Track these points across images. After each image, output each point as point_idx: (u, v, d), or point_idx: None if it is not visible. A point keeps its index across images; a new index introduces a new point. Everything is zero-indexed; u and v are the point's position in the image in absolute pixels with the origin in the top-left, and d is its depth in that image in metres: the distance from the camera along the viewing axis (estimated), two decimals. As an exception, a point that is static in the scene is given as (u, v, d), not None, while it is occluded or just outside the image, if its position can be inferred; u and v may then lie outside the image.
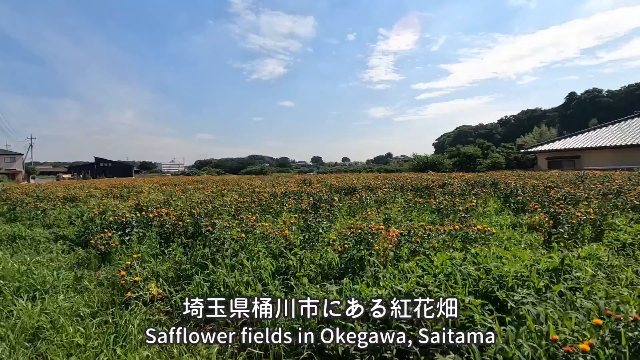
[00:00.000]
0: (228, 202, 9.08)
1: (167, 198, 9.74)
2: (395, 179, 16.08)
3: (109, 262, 6.31)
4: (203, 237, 6.02)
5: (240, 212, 7.79)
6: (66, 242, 7.85)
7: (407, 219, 7.75)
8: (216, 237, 5.12)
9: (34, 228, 9.18)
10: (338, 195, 9.63)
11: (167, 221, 5.99)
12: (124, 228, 6.79)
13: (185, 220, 6.04)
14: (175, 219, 6.04)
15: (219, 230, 5.29)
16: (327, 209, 8.35)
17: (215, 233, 5.14)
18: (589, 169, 28.13)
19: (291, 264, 4.72)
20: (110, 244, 6.34)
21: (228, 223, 6.49)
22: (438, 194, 10.24)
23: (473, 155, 45.98)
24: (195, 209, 7.59)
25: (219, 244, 5.09)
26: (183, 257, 5.22)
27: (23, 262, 5.99)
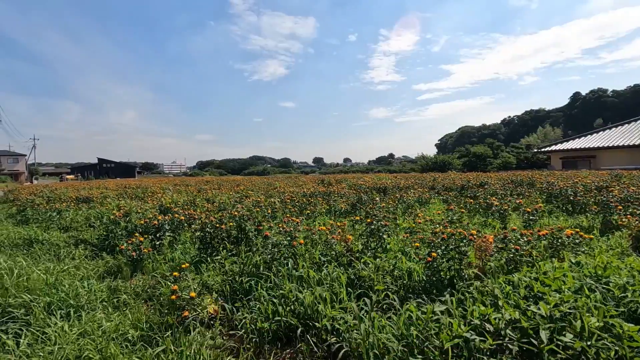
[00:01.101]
0: (261, 202, 8.41)
1: (191, 199, 9.10)
2: (420, 178, 15.40)
3: (141, 270, 5.65)
4: (249, 243, 5.37)
5: (276, 214, 7.13)
6: (88, 247, 7.19)
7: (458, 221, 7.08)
8: (274, 243, 4.44)
9: (50, 231, 8.53)
10: (378, 196, 8.96)
11: (208, 224, 5.32)
12: (156, 232, 6.13)
13: (227, 224, 5.37)
14: (216, 222, 5.38)
15: (276, 236, 4.61)
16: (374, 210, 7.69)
17: (271, 238, 4.46)
18: (606, 168, 27.40)
19: (365, 274, 4.05)
20: (142, 249, 5.68)
21: (271, 226, 5.83)
22: (479, 194, 9.57)
23: (483, 155, 45.18)
24: (229, 210, 6.93)
25: (275, 251, 4.42)
26: (234, 266, 4.55)
27: (48, 271, 5.34)
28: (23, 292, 4.21)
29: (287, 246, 4.47)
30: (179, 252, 6.06)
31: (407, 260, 4.39)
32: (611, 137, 33.93)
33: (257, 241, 5.36)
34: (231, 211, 6.03)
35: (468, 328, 2.75)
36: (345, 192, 10.69)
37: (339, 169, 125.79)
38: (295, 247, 4.52)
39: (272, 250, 4.38)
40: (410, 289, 3.93)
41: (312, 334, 3.23)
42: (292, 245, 4.45)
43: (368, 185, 12.82)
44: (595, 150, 33.58)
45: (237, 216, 5.65)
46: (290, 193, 11.24)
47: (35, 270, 4.81)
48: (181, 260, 5.63)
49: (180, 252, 6.07)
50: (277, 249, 4.41)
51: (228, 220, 5.46)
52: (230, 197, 10.36)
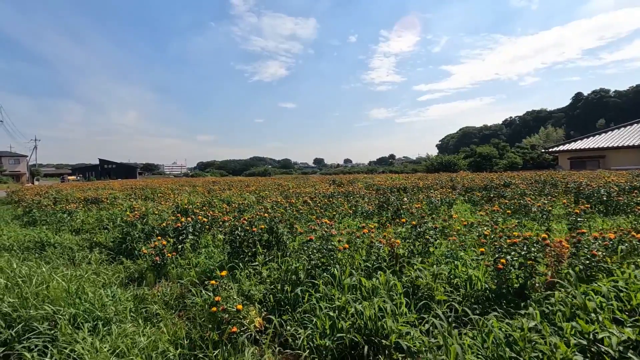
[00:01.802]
0: (281, 204, 8.03)
1: (207, 200, 8.71)
2: (437, 178, 15.00)
3: (165, 276, 5.27)
4: (281, 247, 4.98)
5: (303, 216, 6.74)
6: (103, 250, 6.81)
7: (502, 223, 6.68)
8: (316, 248, 4.05)
9: (61, 233, 8.14)
10: (405, 196, 8.57)
11: (238, 227, 4.93)
12: (179, 235, 5.74)
13: (258, 226, 4.98)
14: (247, 225, 4.99)
15: (318, 240, 4.22)
16: (403, 211, 7.32)
17: (314, 243, 4.07)
18: (616, 169, 27.03)
19: (422, 283, 3.66)
20: (166, 254, 5.29)
21: (299, 231, 5.45)
22: (507, 194, 9.18)
23: (489, 156, 44.75)
24: (250, 211, 6.55)
25: (319, 257, 4.03)
26: (274, 273, 4.16)
27: (66, 277, 4.96)
28: (44, 302, 3.82)
29: (331, 251, 4.08)
30: (203, 257, 5.67)
31: (462, 266, 4.01)
32: (620, 137, 33.55)
33: (290, 245, 4.98)
34: (260, 213, 5.65)
35: (575, 349, 2.37)
36: (364, 193, 10.31)
37: (339, 169, 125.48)
38: (338, 252, 4.13)
39: (316, 256, 3.98)
40: (473, 300, 3.55)
41: (380, 353, 2.84)
42: (337, 250, 4.05)
43: (384, 185, 12.43)
44: (604, 150, 33.20)
45: (268, 218, 5.26)
46: (306, 194, 10.85)
47: (56, 277, 4.42)
48: (208, 265, 5.24)
49: (204, 257, 5.68)
50: (320, 254, 4.02)
51: (259, 223, 5.07)
52: (248, 198, 9.97)
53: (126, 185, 22.23)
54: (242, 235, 4.89)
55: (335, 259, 4.02)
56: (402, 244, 4.54)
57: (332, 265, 4.01)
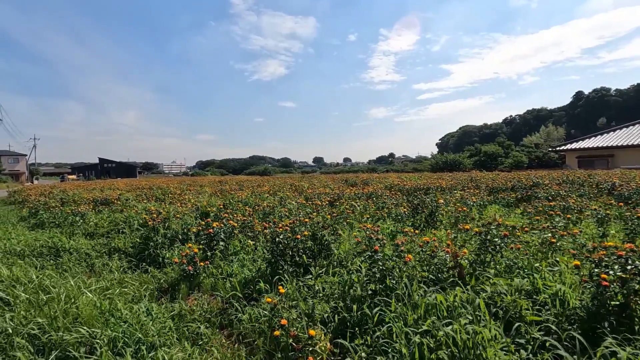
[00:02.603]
0: (308, 206, 7.61)
1: (227, 201, 8.27)
2: (457, 178, 14.57)
3: (198, 287, 4.83)
4: (327, 255, 4.55)
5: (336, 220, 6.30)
6: (122, 257, 6.37)
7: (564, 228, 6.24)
8: (377, 259, 3.60)
9: (75, 237, 7.69)
10: (441, 197, 8.10)
11: (280, 234, 4.49)
12: (210, 240, 5.30)
13: (301, 232, 4.55)
14: (290, 231, 4.55)
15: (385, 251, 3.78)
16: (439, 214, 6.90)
17: (377, 254, 3.62)
18: (626, 168, 26.68)
19: (507, 300, 3.23)
20: (198, 262, 4.86)
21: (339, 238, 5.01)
22: (540, 195, 8.76)
23: (495, 154, 44.36)
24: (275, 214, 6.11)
25: (381, 269, 3.59)
26: (331, 287, 3.73)
27: (91, 289, 4.52)
28: (76, 322, 3.39)
29: (396, 262, 3.64)
30: (236, 265, 5.23)
31: (540, 278, 3.58)
32: (630, 136, 33.20)
33: (337, 253, 4.55)
34: (300, 218, 5.22)
35: None
36: (387, 194, 9.88)
37: (339, 168, 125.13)
38: (401, 263, 3.70)
39: (380, 269, 3.54)
40: (566, 320, 3.12)
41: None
42: (400, 261, 3.61)
43: (403, 185, 12.00)
44: (613, 149, 32.84)
45: (309, 223, 4.83)
46: (325, 194, 10.41)
47: (85, 292, 3.98)
48: (245, 275, 4.81)
49: (237, 265, 5.24)
50: (382, 265, 3.58)
51: (300, 229, 4.63)
52: (267, 200, 9.52)
53: (132, 184, 21.75)
54: (285, 242, 4.45)
55: (401, 271, 3.58)
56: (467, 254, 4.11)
57: (395, 278, 3.58)
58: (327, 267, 4.42)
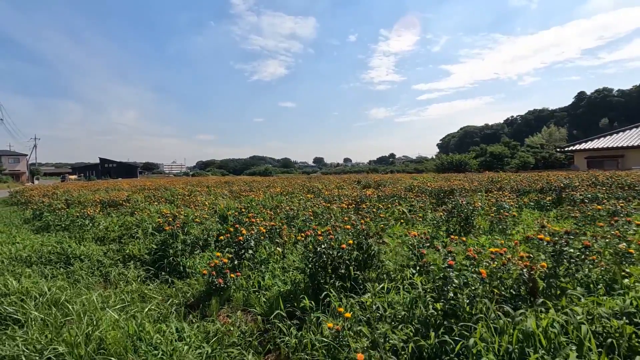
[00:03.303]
0: (332, 209, 7.12)
1: (246, 204, 7.78)
2: (474, 179, 14.08)
3: (227, 301, 4.34)
4: (375, 267, 4.06)
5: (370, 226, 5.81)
6: (138, 265, 5.88)
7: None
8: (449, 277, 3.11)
9: (85, 242, 7.20)
10: (480, 200, 7.61)
11: (322, 242, 4.00)
12: (240, 248, 4.81)
13: (345, 241, 4.05)
14: (334, 240, 4.06)
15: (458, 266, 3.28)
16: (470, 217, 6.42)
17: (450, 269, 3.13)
18: (637, 168, 26.20)
19: (614, 326, 2.74)
20: (229, 274, 4.37)
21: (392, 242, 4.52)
22: (576, 198, 8.27)
23: (501, 155, 43.86)
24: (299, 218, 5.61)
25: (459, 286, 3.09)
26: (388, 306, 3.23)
27: (104, 300, 4.03)
28: (100, 349, 2.90)
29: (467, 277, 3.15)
30: (268, 276, 4.75)
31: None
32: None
33: (388, 265, 4.06)
34: (339, 224, 4.73)
35: None
36: (411, 196, 9.38)
37: (340, 168, 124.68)
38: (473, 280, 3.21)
39: (454, 287, 3.05)
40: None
41: None
42: (480, 277, 3.12)
43: (423, 186, 11.49)
44: (623, 150, 32.38)
45: (352, 230, 4.34)
46: (345, 196, 9.93)
47: (110, 312, 3.49)
48: (282, 289, 4.32)
49: (269, 277, 4.75)
50: (461, 282, 3.08)
51: (345, 237, 4.14)
52: (287, 202, 9.03)
53: (136, 185, 21.24)
54: (328, 252, 3.96)
55: (476, 288, 3.09)
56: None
57: (469, 297, 3.08)
58: (376, 281, 3.94)
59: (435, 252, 4.42)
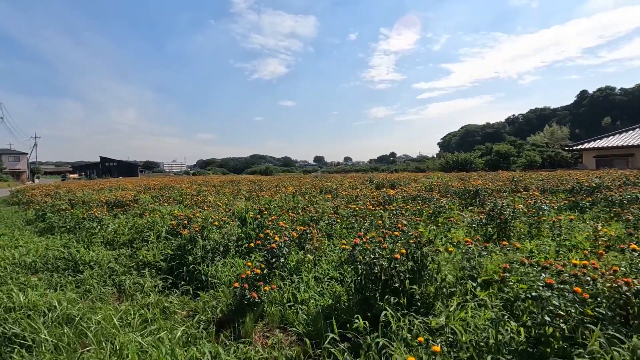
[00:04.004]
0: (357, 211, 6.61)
1: (265, 205, 7.26)
2: (492, 179, 13.57)
3: (261, 317, 3.84)
4: (430, 280, 3.56)
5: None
6: (152, 272, 5.38)
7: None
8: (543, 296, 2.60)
9: (93, 247, 6.70)
10: (521, 202, 7.08)
11: (376, 251, 3.49)
12: (272, 257, 4.30)
13: (397, 250, 3.55)
14: (389, 250, 3.56)
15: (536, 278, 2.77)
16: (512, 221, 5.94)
17: (551, 290, 2.62)
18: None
19: None
20: (262, 286, 3.87)
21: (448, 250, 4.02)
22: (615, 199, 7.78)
23: (507, 154, 43.32)
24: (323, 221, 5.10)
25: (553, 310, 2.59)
26: (483, 335, 2.74)
27: (132, 324, 3.54)
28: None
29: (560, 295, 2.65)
30: (303, 288, 4.25)
31: None
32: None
33: (442, 278, 3.56)
34: (385, 230, 4.22)
35: None
36: (436, 196, 8.87)
37: (340, 167, 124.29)
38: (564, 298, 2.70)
39: (548, 310, 2.54)
40: None
41: None
42: (579, 298, 2.62)
43: (442, 186, 10.99)
44: (633, 149, 31.86)
45: (400, 238, 3.84)
46: (364, 196, 9.42)
47: (131, 333, 2.99)
48: (322, 304, 3.83)
49: (304, 288, 4.26)
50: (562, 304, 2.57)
51: (397, 245, 3.64)
52: (301, 202, 8.52)
53: (140, 184, 20.72)
54: (380, 264, 3.46)
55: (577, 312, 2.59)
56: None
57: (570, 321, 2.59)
58: (434, 297, 3.44)
59: (489, 258, 3.93)
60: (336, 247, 5.58)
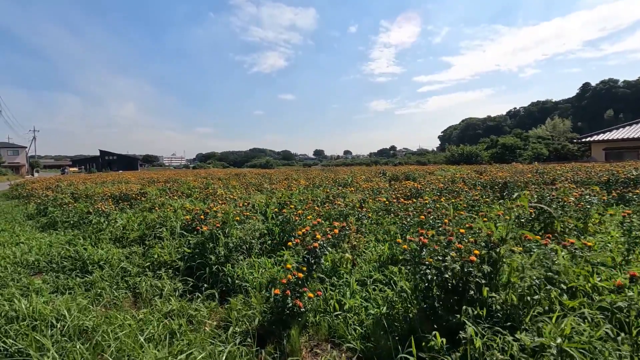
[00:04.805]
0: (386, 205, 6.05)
1: (286, 199, 6.69)
2: (514, 170, 12.98)
3: (304, 327, 3.29)
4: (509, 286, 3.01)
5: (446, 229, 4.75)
6: (169, 272, 4.82)
7: None
8: None
9: (101, 244, 6.14)
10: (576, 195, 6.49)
11: (446, 254, 2.94)
12: (313, 257, 3.75)
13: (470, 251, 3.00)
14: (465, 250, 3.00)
15: None
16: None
17: None
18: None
19: None
20: (306, 293, 3.32)
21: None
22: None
23: (513, 146, 42.66)
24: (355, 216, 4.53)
25: None
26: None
27: (156, 339, 3.00)
28: None
29: None
30: (349, 293, 3.70)
31: None
32: (662, 126, 31.59)
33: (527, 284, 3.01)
34: (449, 227, 3.66)
35: None
36: (465, 189, 8.30)
37: (340, 161, 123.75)
38: None
39: None
40: None
41: None
42: None
43: (466, 178, 10.43)
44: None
45: (465, 234, 3.28)
46: (386, 189, 8.86)
47: (159, 353, 2.44)
48: (373, 312, 3.28)
49: (349, 294, 3.71)
50: None
51: (468, 247, 3.08)
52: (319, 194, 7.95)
53: (142, 177, 20.12)
54: (453, 268, 2.90)
55: None
56: None
57: None
58: (515, 307, 2.90)
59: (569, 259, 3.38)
60: (369, 244, 5.04)
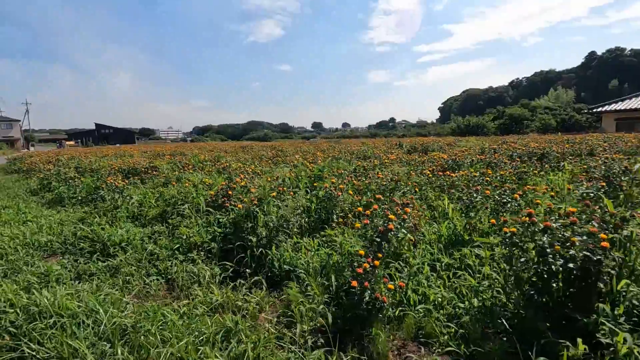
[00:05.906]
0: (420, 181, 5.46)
1: (315, 173, 6.08)
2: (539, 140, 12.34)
3: (376, 327, 2.77)
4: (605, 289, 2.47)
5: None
6: (201, 255, 4.27)
7: None
8: None
9: (119, 223, 5.57)
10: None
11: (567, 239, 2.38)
12: (383, 241, 3.18)
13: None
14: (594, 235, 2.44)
15: None
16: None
17: None
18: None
19: None
20: (385, 284, 2.77)
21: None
22: None
23: (520, 117, 41.72)
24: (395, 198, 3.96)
25: None
26: None
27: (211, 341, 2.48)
28: None
29: None
30: (424, 281, 3.17)
31: None
32: (677, 96, 30.67)
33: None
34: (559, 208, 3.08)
35: None
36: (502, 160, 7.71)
37: (339, 133, 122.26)
38: None
39: None
40: None
41: None
42: None
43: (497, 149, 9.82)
44: (657, 110, 30.42)
45: (584, 214, 2.71)
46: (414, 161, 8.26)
47: None
48: (466, 307, 2.76)
49: (425, 281, 3.18)
50: None
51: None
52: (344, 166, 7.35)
53: (145, 150, 19.38)
54: (587, 258, 2.34)
55: None
56: None
57: None
58: None
59: None
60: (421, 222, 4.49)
